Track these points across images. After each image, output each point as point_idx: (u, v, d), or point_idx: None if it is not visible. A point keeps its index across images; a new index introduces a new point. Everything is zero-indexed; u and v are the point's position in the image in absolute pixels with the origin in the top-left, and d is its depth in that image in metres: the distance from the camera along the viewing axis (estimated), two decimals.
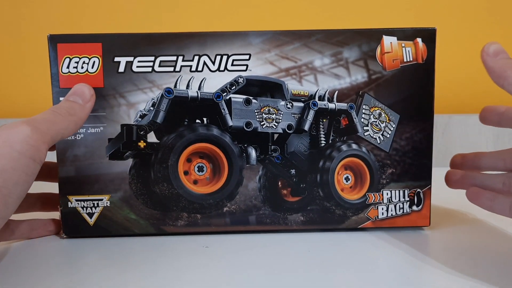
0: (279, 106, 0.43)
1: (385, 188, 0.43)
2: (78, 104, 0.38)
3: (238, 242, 0.41)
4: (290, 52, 0.41)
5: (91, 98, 0.39)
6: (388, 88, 0.42)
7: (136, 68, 0.41)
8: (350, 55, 0.41)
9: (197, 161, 0.42)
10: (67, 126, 0.36)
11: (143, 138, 0.41)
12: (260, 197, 0.42)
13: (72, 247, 0.41)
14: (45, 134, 0.34)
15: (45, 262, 0.38)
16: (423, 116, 0.42)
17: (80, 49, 0.40)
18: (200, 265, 0.36)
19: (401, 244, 0.40)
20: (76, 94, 0.38)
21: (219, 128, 0.42)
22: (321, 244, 0.40)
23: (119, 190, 0.42)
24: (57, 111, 0.36)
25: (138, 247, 0.40)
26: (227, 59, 0.41)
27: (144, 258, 0.38)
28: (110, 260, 0.38)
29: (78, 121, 0.37)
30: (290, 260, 0.37)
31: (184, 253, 0.39)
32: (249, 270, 0.35)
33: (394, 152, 0.43)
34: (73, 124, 0.37)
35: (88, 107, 0.38)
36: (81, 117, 0.38)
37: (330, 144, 0.43)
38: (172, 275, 0.34)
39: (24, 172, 0.33)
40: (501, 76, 0.34)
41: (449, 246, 0.41)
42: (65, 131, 0.36)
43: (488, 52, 0.36)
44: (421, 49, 0.42)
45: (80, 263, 0.37)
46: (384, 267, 0.36)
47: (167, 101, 0.41)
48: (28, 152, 0.33)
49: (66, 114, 0.37)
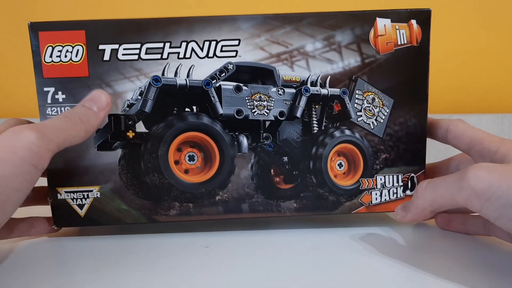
0: (271, 92, 0.41)
1: (378, 174, 0.43)
2: (92, 112, 0.36)
3: (238, 242, 0.41)
4: (281, 37, 0.40)
5: (106, 107, 0.37)
6: (381, 72, 0.41)
7: (121, 56, 0.39)
8: (342, 38, 0.40)
9: (188, 150, 0.41)
10: (77, 134, 0.35)
11: (131, 128, 0.40)
12: (252, 185, 0.42)
13: (72, 247, 0.40)
14: (51, 142, 0.33)
15: (44, 262, 0.37)
16: (417, 101, 0.41)
17: (63, 37, 0.39)
18: (200, 265, 0.36)
19: (403, 242, 0.40)
20: (92, 101, 0.37)
21: (209, 116, 0.41)
22: (322, 244, 0.40)
23: (109, 181, 0.41)
24: (70, 117, 0.35)
25: (138, 247, 0.40)
26: (216, 45, 0.40)
27: (144, 258, 0.37)
28: (109, 260, 0.37)
29: (90, 129, 0.36)
30: (290, 260, 0.37)
31: (184, 253, 0.38)
32: (249, 270, 0.35)
33: (387, 137, 0.42)
34: (84, 132, 0.36)
35: (102, 116, 0.37)
36: (93, 125, 0.36)
37: (322, 130, 0.42)
38: (172, 275, 0.34)
39: (24, 179, 0.32)
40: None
41: (452, 237, 0.41)
42: (74, 138, 0.35)
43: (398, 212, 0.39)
44: (415, 32, 0.40)
45: (80, 263, 0.37)
46: (384, 267, 0.35)
47: (155, 89, 0.40)
48: (30, 159, 0.32)
49: (78, 121, 0.35)
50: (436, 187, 0.34)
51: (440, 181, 0.34)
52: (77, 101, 0.39)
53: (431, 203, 0.35)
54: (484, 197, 0.30)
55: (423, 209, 0.36)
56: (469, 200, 0.31)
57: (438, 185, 0.34)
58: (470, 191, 0.30)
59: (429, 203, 0.35)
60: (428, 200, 0.35)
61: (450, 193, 0.32)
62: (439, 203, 0.34)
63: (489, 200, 0.30)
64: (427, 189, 0.35)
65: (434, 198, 0.34)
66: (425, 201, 0.35)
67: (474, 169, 0.31)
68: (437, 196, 0.34)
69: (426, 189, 0.35)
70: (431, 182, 0.35)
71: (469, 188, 0.31)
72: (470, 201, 0.31)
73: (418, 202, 0.36)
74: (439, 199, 0.34)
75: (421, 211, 0.37)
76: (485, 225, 0.40)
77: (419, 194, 0.36)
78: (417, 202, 0.36)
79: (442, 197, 0.33)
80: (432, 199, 0.34)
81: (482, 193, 0.30)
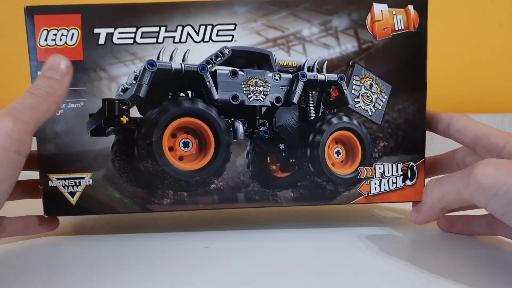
0: (267, 78, 0.41)
1: (377, 162, 0.42)
2: (55, 80, 0.35)
3: (238, 242, 0.40)
4: (277, 22, 0.40)
5: (68, 71, 0.35)
6: (379, 57, 0.41)
7: (117, 40, 0.39)
8: (339, 23, 0.40)
9: (182, 137, 0.41)
10: (48, 108, 0.34)
11: (125, 113, 0.39)
12: (248, 173, 0.41)
13: (71, 246, 0.40)
14: (28, 124, 0.32)
15: (44, 261, 0.36)
16: (416, 87, 0.41)
17: (58, 21, 0.39)
18: (200, 265, 0.35)
19: (404, 242, 0.39)
20: (52, 69, 0.35)
21: (205, 101, 0.40)
22: (322, 244, 0.39)
23: (101, 168, 0.40)
24: (36, 92, 0.34)
25: (137, 247, 0.39)
26: (212, 30, 0.39)
27: (143, 258, 0.37)
28: (109, 260, 0.36)
29: (59, 99, 0.35)
30: (290, 260, 0.36)
31: (184, 253, 0.38)
32: (249, 270, 0.34)
33: (386, 124, 0.41)
34: (54, 104, 0.35)
35: (66, 82, 0.35)
36: (61, 94, 0.35)
37: (320, 117, 0.42)
38: (172, 275, 0.33)
39: (9, 167, 0.31)
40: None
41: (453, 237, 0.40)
42: (47, 113, 0.34)
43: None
44: (413, 17, 0.40)
45: (79, 263, 0.36)
46: (385, 267, 0.35)
47: (150, 74, 0.39)
48: (12, 147, 0.31)
49: (46, 95, 0.34)
50: (444, 184, 0.34)
51: (448, 178, 0.34)
52: (72, 85, 0.38)
53: (440, 200, 0.35)
54: (490, 192, 0.30)
55: (433, 207, 0.36)
56: (476, 195, 0.31)
57: (445, 182, 0.34)
58: (477, 187, 0.31)
59: (438, 200, 0.35)
60: (437, 197, 0.35)
61: (458, 189, 0.33)
62: (448, 200, 0.34)
63: (495, 196, 0.30)
64: (435, 186, 0.35)
65: (443, 195, 0.35)
66: (434, 198, 0.36)
67: (481, 165, 0.31)
68: (445, 193, 0.34)
69: (434, 187, 0.36)
70: (439, 180, 0.35)
71: (475, 183, 0.31)
72: (476, 197, 0.31)
73: (427, 201, 0.37)
74: (447, 195, 0.34)
75: (431, 210, 0.37)
76: (490, 225, 0.38)
77: (428, 193, 0.36)
78: (426, 200, 0.37)
79: (450, 193, 0.34)
80: (441, 195, 0.35)
81: (488, 189, 0.30)
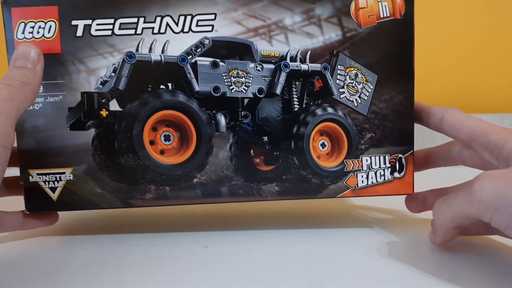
0: (249, 68, 0.40)
1: (364, 154, 0.40)
2: (28, 69, 0.35)
3: (238, 242, 0.39)
4: (259, 11, 0.39)
5: (39, 58, 0.35)
6: (364, 46, 0.39)
7: (95, 31, 0.38)
8: (322, 11, 0.39)
9: (163, 130, 0.40)
10: (25, 98, 0.34)
11: (105, 106, 0.39)
12: (231, 166, 0.40)
13: (71, 247, 0.40)
14: (9, 116, 0.32)
15: (44, 261, 0.36)
16: (403, 76, 0.40)
17: (35, 13, 0.38)
18: (200, 265, 0.35)
19: (404, 242, 0.39)
20: (23, 58, 0.35)
21: (185, 93, 0.39)
22: (322, 244, 0.38)
23: (82, 162, 0.39)
24: (11, 84, 0.34)
25: (137, 247, 0.39)
26: (191, 20, 0.38)
27: (143, 258, 0.36)
28: (109, 260, 0.36)
29: (34, 88, 0.35)
30: (290, 260, 0.36)
31: (184, 253, 0.37)
32: (249, 270, 0.34)
33: (373, 115, 0.40)
34: (31, 93, 0.35)
35: (39, 70, 0.35)
36: (35, 83, 0.35)
37: (304, 108, 0.41)
38: (172, 275, 0.33)
39: None
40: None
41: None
42: (25, 104, 0.34)
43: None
44: (398, 4, 0.39)
45: (79, 263, 0.36)
46: (385, 268, 0.34)
47: (129, 66, 0.38)
48: None
49: (21, 85, 0.34)
50: (451, 205, 0.34)
51: (453, 197, 0.34)
52: (50, 79, 0.38)
53: (451, 220, 0.34)
54: (492, 207, 0.30)
55: (446, 228, 0.35)
56: (480, 212, 0.31)
57: (452, 201, 0.33)
58: (479, 204, 0.30)
59: (449, 221, 0.34)
60: (447, 218, 0.34)
61: (464, 207, 0.32)
62: (459, 219, 0.33)
63: (497, 210, 0.29)
64: (443, 208, 0.34)
65: (452, 215, 0.33)
66: (445, 220, 0.34)
67: (479, 180, 0.31)
68: (454, 213, 0.33)
69: (441, 208, 0.34)
70: (445, 200, 0.34)
71: (477, 200, 0.30)
72: (481, 213, 0.31)
73: (438, 223, 0.36)
74: (457, 214, 0.33)
75: (445, 231, 0.36)
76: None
77: (437, 214, 0.35)
78: (438, 223, 0.36)
79: (459, 212, 0.33)
80: (451, 216, 0.34)
81: (489, 204, 0.30)
